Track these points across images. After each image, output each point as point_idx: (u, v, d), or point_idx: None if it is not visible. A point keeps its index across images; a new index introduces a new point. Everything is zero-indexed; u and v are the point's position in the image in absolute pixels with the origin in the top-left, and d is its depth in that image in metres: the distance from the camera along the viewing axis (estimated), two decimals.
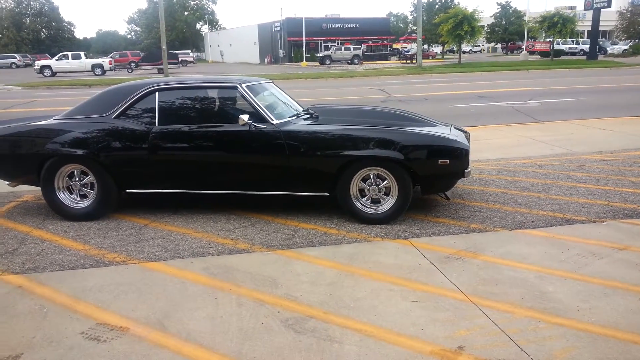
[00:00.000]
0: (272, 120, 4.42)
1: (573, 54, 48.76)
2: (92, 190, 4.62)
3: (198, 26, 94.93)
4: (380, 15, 79.87)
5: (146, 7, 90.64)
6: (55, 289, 3.25)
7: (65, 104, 14.55)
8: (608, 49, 48.93)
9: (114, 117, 4.55)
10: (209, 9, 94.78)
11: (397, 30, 70.80)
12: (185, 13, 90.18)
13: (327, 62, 47.15)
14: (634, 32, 53.44)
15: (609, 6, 38.64)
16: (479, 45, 71.29)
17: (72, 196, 4.66)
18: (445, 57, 55.76)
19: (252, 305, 3.01)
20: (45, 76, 33.63)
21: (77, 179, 4.62)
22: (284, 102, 5.11)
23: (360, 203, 4.41)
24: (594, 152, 7.11)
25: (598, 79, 20.82)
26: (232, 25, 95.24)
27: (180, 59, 57.29)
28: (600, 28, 42.12)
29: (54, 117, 4.85)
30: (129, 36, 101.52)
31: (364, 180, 4.36)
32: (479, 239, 3.99)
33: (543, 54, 45.48)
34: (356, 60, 47.25)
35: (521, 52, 48.49)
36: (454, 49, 46.58)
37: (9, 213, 4.90)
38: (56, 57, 36.64)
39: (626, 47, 48.39)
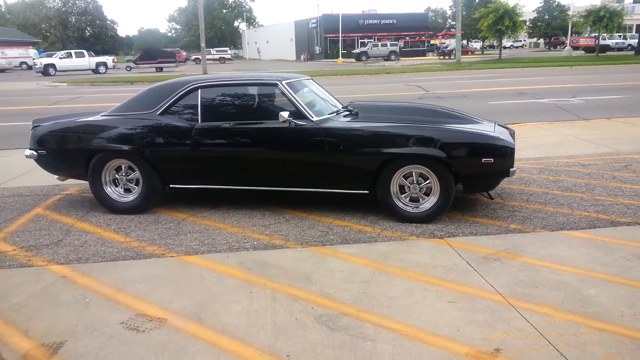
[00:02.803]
0: (312, 117, 4.42)
1: (620, 49, 46.80)
2: (138, 185, 4.73)
3: (236, 24, 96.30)
4: (418, 11, 78.78)
5: (186, 5, 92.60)
6: (97, 280, 3.37)
7: (108, 100, 15.03)
8: None
9: (159, 114, 4.65)
10: (246, 6, 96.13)
11: (436, 26, 69.83)
12: (224, 11, 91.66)
13: (364, 58, 46.92)
14: None
15: None
16: (521, 41, 69.38)
17: (118, 190, 4.79)
18: (485, 52, 54.54)
19: (286, 300, 3.03)
20: (49, 75, 33.70)
21: (123, 174, 4.74)
22: (324, 99, 5.11)
23: (401, 201, 4.36)
24: None
25: None
26: (269, 23, 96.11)
27: (219, 56, 58.42)
28: None
29: (100, 114, 4.98)
30: (169, 34, 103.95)
31: (405, 178, 4.31)
32: (519, 240, 3.90)
33: (588, 49, 43.86)
34: (393, 57, 46.83)
35: (564, 47, 46.93)
36: (494, 44, 45.50)
37: (55, 205, 5.10)
38: (59, 55, 37.14)
39: None
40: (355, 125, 4.49)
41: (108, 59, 38.32)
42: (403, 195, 4.36)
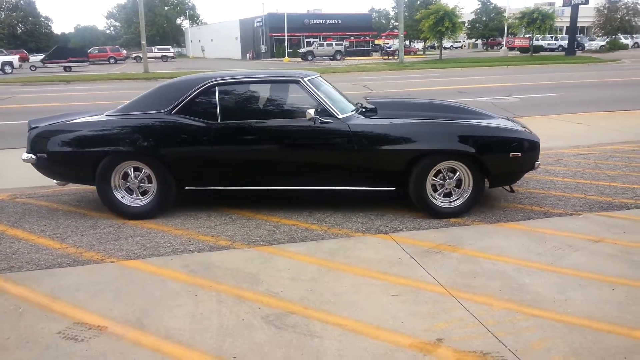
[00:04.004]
0: (338, 114, 4.37)
1: (552, 49, 49.43)
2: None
3: (179, 21, 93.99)
4: (362, 11, 79.90)
5: (125, 1, 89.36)
6: (31, 289, 3.20)
7: (46, 100, 14.30)
8: (586, 44, 49.68)
9: (174, 113, 4.43)
10: (189, 3, 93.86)
11: (379, 26, 71.04)
12: (166, 8, 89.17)
13: (310, 57, 47.05)
14: (610, 28, 54.30)
15: (586, 3, 39.19)
16: (460, 42, 71.77)
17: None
18: (426, 53, 56.04)
19: (233, 301, 3.00)
20: None
21: (134, 177, 4.49)
22: (340, 96, 4.94)
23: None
24: (572, 146, 7.23)
25: (576, 74, 21.14)
26: (214, 21, 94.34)
27: (161, 54, 56.84)
28: (578, 24, 42.77)
29: (105, 113, 4.71)
30: (108, 31, 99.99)
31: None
32: (459, 233, 4.04)
33: (522, 49, 45.99)
34: (338, 56, 47.27)
35: (501, 48, 48.99)
36: (435, 45, 46.83)
37: None
38: None
39: (603, 43, 49.20)
40: (384, 122, 4.43)
41: (14, 58, 35.89)
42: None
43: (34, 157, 4.55)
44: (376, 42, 59.27)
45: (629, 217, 4.26)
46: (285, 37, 51.94)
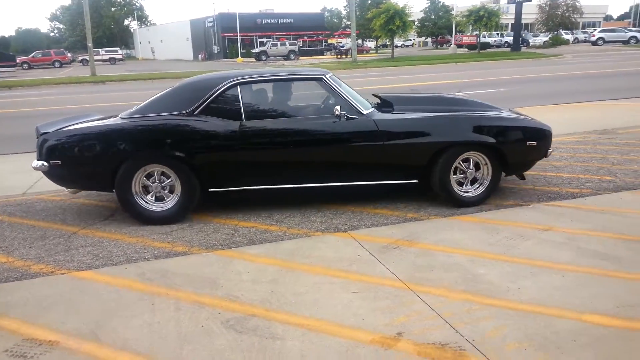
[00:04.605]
0: (363, 110, 4.46)
1: (498, 46, 51.13)
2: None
3: (126, 22, 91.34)
4: (314, 11, 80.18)
5: (69, 3, 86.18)
6: None
7: None
8: (530, 40, 51.71)
9: (197, 114, 4.33)
10: (137, 4, 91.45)
11: (332, 26, 71.45)
12: (112, 9, 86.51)
13: (263, 57, 46.84)
14: (552, 24, 56.73)
15: (529, 0, 40.82)
16: (411, 40, 73.21)
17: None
18: (379, 51, 56.85)
19: (192, 308, 2.94)
20: None
21: (156, 181, 4.35)
22: (355, 93, 4.87)
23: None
24: None
25: (522, 69, 21.97)
26: (163, 21, 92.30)
27: (109, 56, 55.09)
28: (523, 21, 44.39)
29: (120, 116, 4.53)
30: (52, 34, 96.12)
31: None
32: (416, 228, 4.11)
33: (470, 47, 47.41)
34: (292, 56, 47.26)
35: (450, 45, 50.33)
36: (387, 43, 47.58)
37: None
38: None
39: (546, 39, 51.34)
40: (408, 116, 4.56)
41: None
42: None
43: (46, 164, 4.29)
44: (329, 41, 59.64)
45: (575, 206, 4.46)
46: (238, 37, 51.43)
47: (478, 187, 4.61)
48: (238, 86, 4.42)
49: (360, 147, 4.41)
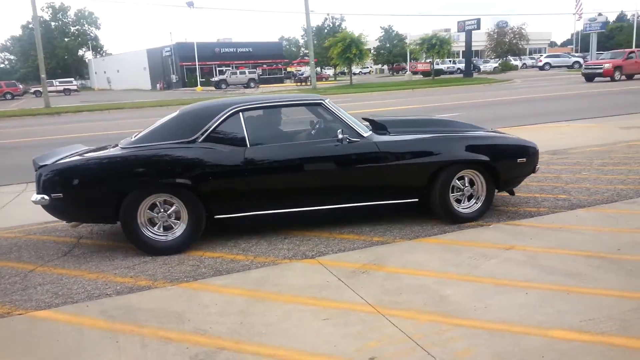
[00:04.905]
0: (363, 133, 4.59)
1: (451, 72, 53.09)
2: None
3: (81, 52, 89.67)
4: (272, 40, 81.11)
5: (20, 34, 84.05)
6: None
7: None
8: (481, 67, 53.87)
9: (202, 141, 4.34)
10: (91, 34, 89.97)
11: (290, 54, 72.46)
12: (66, 39, 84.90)
13: (223, 86, 46.82)
14: (501, 51, 59.37)
15: (478, 28, 42.77)
16: (368, 67, 74.93)
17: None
18: (337, 78, 57.83)
19: (158, 344, 2.84)
20: None
21: (161, 210, 4.29)
22: (351, 116, 4.97)
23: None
24: None
25: (474, 94, 22.83)
26: (119, 51, 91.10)
27: (63, 87, 53.80)
28: (473, 48, 46.30)
29: (120, 146, 4.47)
30: (2, 65, 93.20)
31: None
32: (382, 251, 4.15)
33: (425, 73, 48.95)
34: (252, 84, 47.46)
35: (405, 72, 51.81)
36: (345, 71, 48.52)
37: None
38: None
39: (496, 65, 53.67)
40: (407, 137, 4.77)
41: None
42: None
43: (46, 197, 4.14)
44: (289, 69, 60.34)
45: (533, 225, 4.61)
46: (197, 66, 51.34)
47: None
48: (240, 113, 4.48)
49: (363, 168, 4.54)
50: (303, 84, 45.89)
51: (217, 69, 57.30)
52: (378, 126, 5.14)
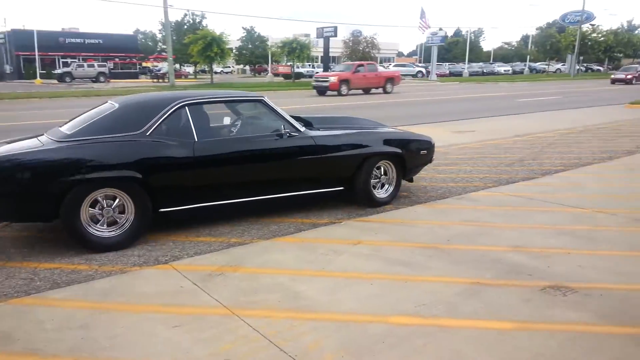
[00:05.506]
0: (300, 128, 4.95)
1: (310, 76, 54.60)
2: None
3: None
4: (126, 32, 75.91)
5: None
6: None
7: None
8: None
9: (149, 134, 4.28)
10: None
11: (147, 48, 68.33)
12: None
13: (68, 79, 42.71)
14: (355, 58, 62.94)
15: (335, 35, 44.84)
16: (230, 67, 74.12)
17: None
18: (198, 77, 56.27)
19: None
20: None
21: (105, 206, 4.10)
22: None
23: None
24: None
25: (330, 98, 23.91)
26: None
27: None
28: (331, 54, 48.50)
29: (52, 139, 4.18)
30: None
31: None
32: (239, 252, 4.14)
33: (286, 76, 49.96)
34: (102, 78, 44.01)
35: (267, 74, 52.34)
36: (206, 69, 47.40)
37: None
38: None
39: None
40: (337, 133, 5.34)
41: None
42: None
43: None
44: (144, 64, 57.08)
45: (378, 220, 4.98)
46: (37, 57, 46.01)
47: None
48: (186, 107, 4.54)
49: (301, 160, 4.93)
50: (160, 80, 43.82)
51: (62, 60, 52.01)
52: (305, 122, 5.55)
